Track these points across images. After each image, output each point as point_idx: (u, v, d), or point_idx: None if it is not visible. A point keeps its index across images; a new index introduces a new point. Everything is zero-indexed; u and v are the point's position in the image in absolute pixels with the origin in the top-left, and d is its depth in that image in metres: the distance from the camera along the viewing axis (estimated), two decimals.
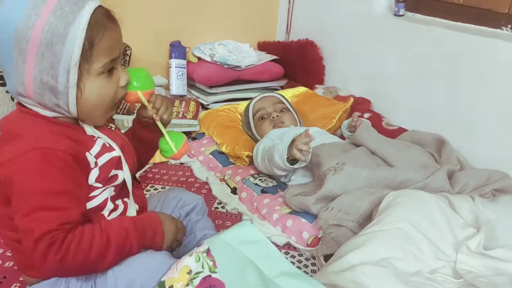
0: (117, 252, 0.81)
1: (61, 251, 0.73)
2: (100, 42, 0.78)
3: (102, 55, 0.79)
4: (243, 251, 0.77)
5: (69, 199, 0.77)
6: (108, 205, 0.88)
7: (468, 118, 1.59)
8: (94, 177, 0.83)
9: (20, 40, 0.73)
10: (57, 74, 0.75)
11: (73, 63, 0.75)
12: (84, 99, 0.80)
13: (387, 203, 1.07)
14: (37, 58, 0.74)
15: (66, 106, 0.79)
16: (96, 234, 0.78)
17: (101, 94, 0.82)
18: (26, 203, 0.74)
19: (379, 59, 1.95)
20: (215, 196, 1.48)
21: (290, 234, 1.26)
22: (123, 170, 0.90)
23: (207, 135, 1.80)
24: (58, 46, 0.74)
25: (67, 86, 0.77)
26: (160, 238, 0.90)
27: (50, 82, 0.76)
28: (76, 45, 0.74)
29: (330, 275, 0.92)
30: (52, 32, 0.73)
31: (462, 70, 1.59)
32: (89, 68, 0.79)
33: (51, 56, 0.74)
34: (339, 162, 1.26)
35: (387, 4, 1.95)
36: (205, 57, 2.13)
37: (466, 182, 1.22)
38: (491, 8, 1.58)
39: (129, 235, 0.83)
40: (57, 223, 0.74)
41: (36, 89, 0.76)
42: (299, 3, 2.39)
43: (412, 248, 0.95)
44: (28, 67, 0.74)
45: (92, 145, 0.84)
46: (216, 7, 2.31)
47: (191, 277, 0.74)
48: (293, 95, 2.01)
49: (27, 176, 0.75)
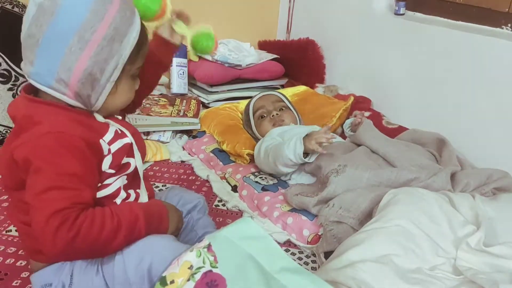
0: (126, 235, 0.82)
1: (73, 229, 0.74)
2: (143, 48, 0.87)
3: (141, 59, 0.88)
4: (244, 246, 0.78)
5: (82, 182, 0.79)
6: (121, 193, 0.90)
7: (468, 117, 1.59)
8: (107, 163, 0.86)
9: (85, 29, 0.77)
10: (105, 68, 0.80)
11: (122, 61, 0.82)
12: (115, 95, 0.86)
13: (387, 200, 1.08)
14: (96, 50, 0.78)
15: (95, 99, 0.83)
16: (107, 216, 0.80)
17: (128, 93, 0.90)
18: (40, 182, 0.76)
19: (379, 58, 1.95)
20: (215, 194, 1.49)
21: (291, 232, 1.26)
22: (134, 158, 0.92)
23: (207, 134, 1.80)
24: (116, 44, 0.80)
25: (108, 81, 0.82)
26: (166, 225, 0.94)
27: (96, 75, 0.80)
28: (130, 46, 0.82)
29: (331, 271, 0.93)
30: (116, 30, 0.79)
31: (462, 69, 1.59)
32: (130, 69, 0.86)
33: (108, 51, 0.79)
34: (340, 164, 1.27)
35: (387, 3, 1.96)
36: (206, 56, 2.13)
37: (467, 183, 1.22)
38: (491, 7, 1.59)
39: (138, 219, 0.85)
40: (70, 202, 0.75)
41: (82, 78, 0.79)
42: (299, 2, 2.40)
43: (412, 245, 0.96)
44: (84, 56, 0.78)
45: (105, 131, 0.86)
46: (217, 6, 2.32)
47: (192, 272, 0.74)
48: (293, 94, 2.02)
49: (42, 157, 0.77)
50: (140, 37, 0.84)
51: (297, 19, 2.44)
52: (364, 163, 1.30)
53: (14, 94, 1.69)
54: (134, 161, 0.92)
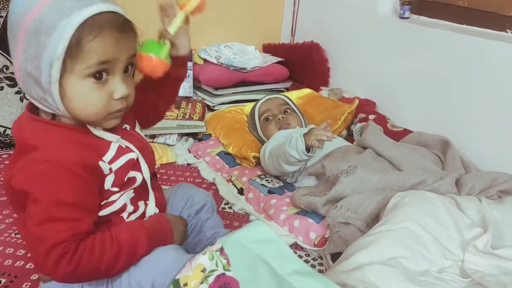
0: (127, 259, 0.83)
1: (73, 262, 0.75)
2: (89, 43, 0.74)
3: (89, 57, 0.75)
4: (256, 250, 0.78)
5: (80, 210, 0.78)
6: (128, 207, 0.89)
7: (473, 120, 1.60)
8: (110, 182, 0.84)
9: (15, 25, 0.74)
10: (40, 66, 0.74)
11: (55, 56, 0.73)
12: (67, 98, 0.78)
13: (394, 203, 1.08)
14: (24, 45, 0.74)
15: (54, 103, 0.77)
16: (107, 243, 0.79)
17: (85, 99, 0.79)
18: (38, 213, 0.75)
19: (384, 61, 1.96)
20: (222, 196, 1.49)
21: (297, 234, 1.27)
22: (141, 171, 0.90)
23: (213, 136, 1.82)
24: (44, 38, 0.72)
25: (49, 82, 0.75)
26: (170, 240, 0.93)
27: (33, 73, 0.75)
28: (62, 39, 0.72)
29: (339, 274, 0.93)
30: (41, 23, 0.72)
31: (467, 72, 1.60)
32: (73, 67, 0.75)
33: (36, 46, 0.73)
34: (351, 165, 1.27)
35: (392, 7, 1.97)
36: (211, 59, 2.14)
37: (472, 186, 1.22)
38: (495, 11, 1.60)
39: (140, 241, 0.84)
40: (69, 233, 0.75)
41: (22, 77, 0.77)
42: (303, 5, 2.41)
43: (420, 248, 0.96)
44: (17, 54, 0.75)
45: (106, 150, 0.84)
46: (222, 10, 2.33)
47: (206, 275, 0.75)
48: (298, 97, 2.03)
49: (39, 187, 0.76)
50: (83, 31, 0.73)
51: (302, 23, 2.45)
52: (372, 166, 1.31)
53: (21, 97, 1.70)
54: (141, 175, 0.90)
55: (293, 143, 1.33)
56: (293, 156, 1.34)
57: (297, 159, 1.35)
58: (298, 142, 1.32)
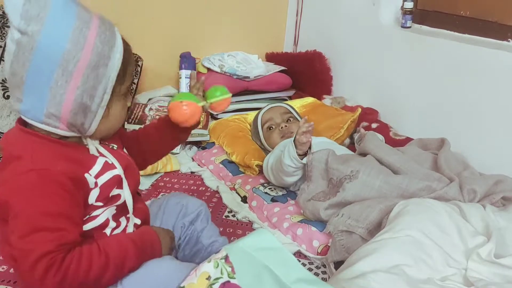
0: (115, 271, 0.81)
1: (60, 273, 0.73)
2: (129, 66, 0.84)
3: (129, 77, 0.85)
4: (260, 257, 0.79)
5: (66, 221, 0.76)
6: (110, 223, 0.88)
7: (476, 129, 1.60)
8: (94, 196, 0.83)
9: (67, 61, 0.74)
10: (95, 95, 0.78)
11: (110, 84, 0.79)
12: (107, 118, 0.83)
13: (397, 212, 1.08)
14: (82, 79, 0.76)
15: (88, 125, 0.81)
16: (94, 254, 0.78)
17: (121, 114, 0.87)
18: (23, 225, 0.73)
19: (386, 70, 1.97)
20: (225, 204, 1.50)
21: (301, 243, 1.27)
22: (124, 189, 0.90)
23: (217, 145, 1.83)
24: (102, 69, 0.77)
25: (99, 106, 0.80)
26: (159, 251, 0.92)
27: (87, 103, 0.78)
28: (116, 67, 0.79)
29: (342, 282, 0.94)
30: (99, 55, 0.76)
31: (469, 81, 1.61)
32: (120, 90, 0.83)
33: (95, 78, 0.77)
34: (353, 169, 1.28)
35: (394, 16, 1.98)
36: (215, 68, 2.16)
37: (473, 190, 1.21)
38: (497, 21, 1.61)
39: (128, 253, 0.83)
40: (55, 244, 0.73)
41: (73, 109, 0.77)
42: (306, 15, 2.43)
43: (423, 255, 0.96)
44: (71, 88, 0.75)
45: (92, 164, 0.84)
46: (225, 19, 2.36)
47: (210, 283, 0.76)
48: (301, 106, 2.04)
49: (23, 198, 0.74)
50: (125, 55, 0.81)
51: (304, 32, 2.47)
52: (376, 167, 1.31)
53: None
54: (124, 193, 0.90)
55: (286, 151, 1.35)
56: (289, 165, 1.36)
57: (294, 167, 1.36)
58: (290, 149, 1.34)
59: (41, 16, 0.72)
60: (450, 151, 1.43)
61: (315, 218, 1.30)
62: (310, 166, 1.37)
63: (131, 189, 0.91)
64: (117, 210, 0.90)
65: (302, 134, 1.30)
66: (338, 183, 1.29)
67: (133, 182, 0.93)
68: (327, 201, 1.25)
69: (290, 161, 1.35)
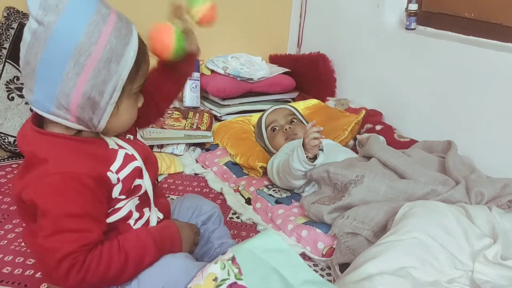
0: (135, 268, 0.85)
1: (82, 272, 0.78)
2: (143, 65, 0.84)
3: (141, 77, 0.85)
4: (267, 259, 0.79)
5: (89, 221, 0.80)
6: (134, 214, 0.91)
7: (480, 131, 1.60)
8: (118, 191, 0.86)
9: (80, 54, 0.75)
10: (104, 90, 0.78)
11: (121, 82, 0.80)
12: (117, 116, 0.84)
13: (403, 213, 1.08)
14: (93, 74, 0.76)
15: (97, 122, 0.81)
16: (114, 252, 0.82)
17: (131, 113, 0.88)
18: (48, 225, 0.78)
19: (390, 71, 1.97)
20: (230, 206, 1.50)
21: (305, 244, 1.27)
22: (145, 179, 0.92)
23: (220, 146, 1.82)
24: (114, 65, 0.77)
25: (108, 103, 0.80)
26: (179, 247, 0.94)
27: (96, 98, 0.78)
28: (128, 66, 0.79)
29: (348, 284, 0.94)
30: (112, 51, 0.77)
31: (473, 83, 1.61)
32: (131, 89, 0.84)
33: (106, 73, 0.77)
34: (358, 174, 1.28)
35: (398, 18, 1.98)
36: (218, 70, 2.17)
37: (481, 192, 1.21)
38: (501, 23, 1.61)
39: (147, 250, 0.86)
40: (78, 245, 0.78)
41: (81, 103, 0.78)
42: (310, 17, 2.43)
43: (429, 258, 0.96)
44: (81, 81, 0.76)
45: (113, 159, 0.86)
46: (229, 21, 2.35)
47: (217, 284, 0.76)
48: (305, 107, 2.04)
49: (49, 200, 0.78)
50: (138, 55, 0.81)
51: (308, 34, 2.47)
52: (381, 172, 1.31)
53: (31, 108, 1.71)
54: (145, 183, 0.92)
55: (295, 155, 1.35)
56: (298, 169, 1.35)
57: (303, 171, 1.36)
58: (299, 153, 1.33)
59: (59, 7, 0.74)
60: (457, 154, 1.43)
61: (319, 221, 1.30)
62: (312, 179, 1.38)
63: (151, 178, 0.93)
64: (140, 201, 0.92)
65: (312, 139, 1.30)
66: (343, 188, 1.29)
67: (152, 171, 0.95)
68: (332, 205, 1.25)
69: (299, 165, 1.34)
